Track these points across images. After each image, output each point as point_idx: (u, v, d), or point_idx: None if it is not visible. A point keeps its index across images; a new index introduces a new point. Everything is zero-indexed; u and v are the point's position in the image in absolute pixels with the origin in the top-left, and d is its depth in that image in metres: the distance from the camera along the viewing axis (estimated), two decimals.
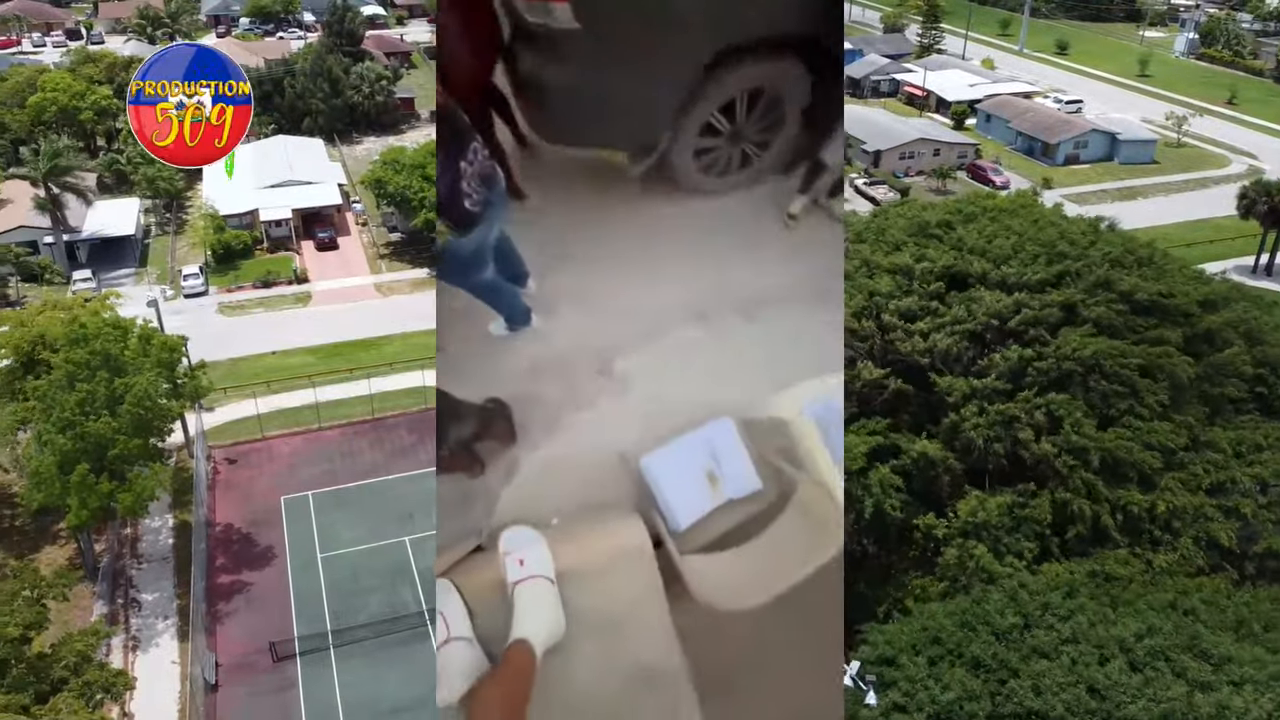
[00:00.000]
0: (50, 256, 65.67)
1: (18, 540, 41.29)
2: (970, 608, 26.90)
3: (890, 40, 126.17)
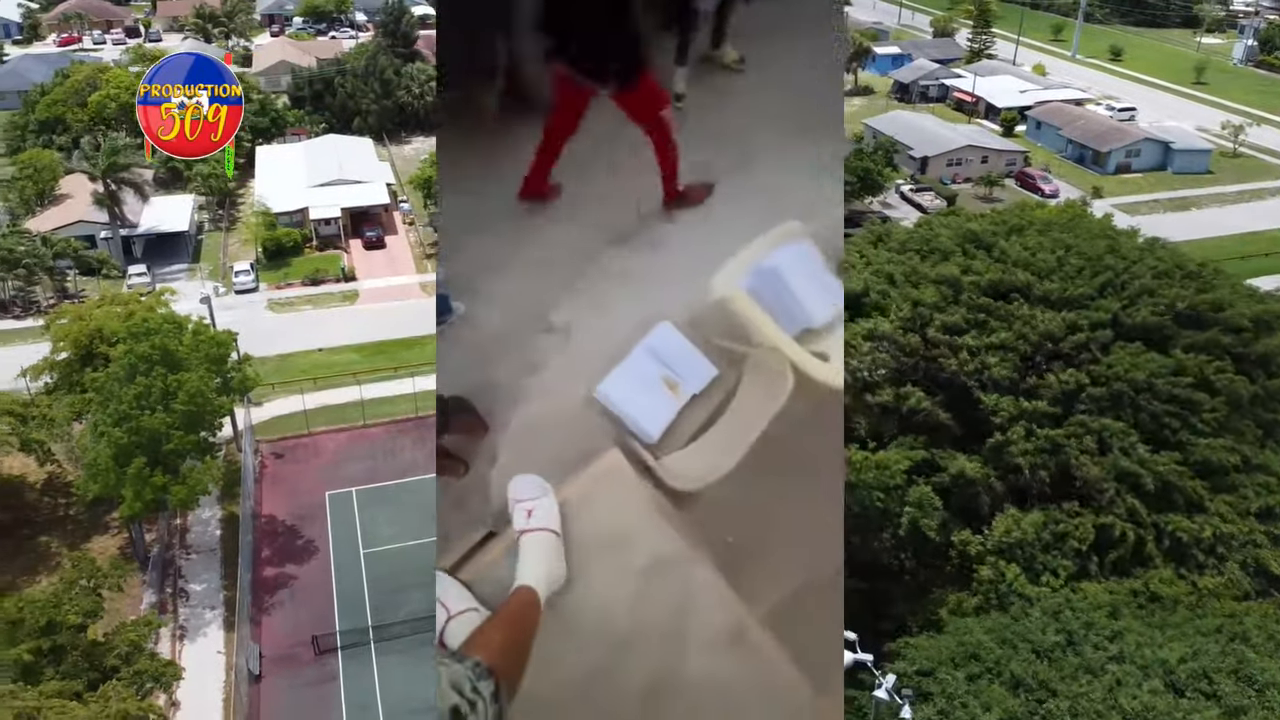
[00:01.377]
0: (107, 251, 67.29)
1: (71, 529, 42.44)
2: (1010, 625, 26.75)
3: (939, 45, 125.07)
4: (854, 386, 34.83)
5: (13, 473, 45.11)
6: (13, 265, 60.79)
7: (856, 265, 41.47)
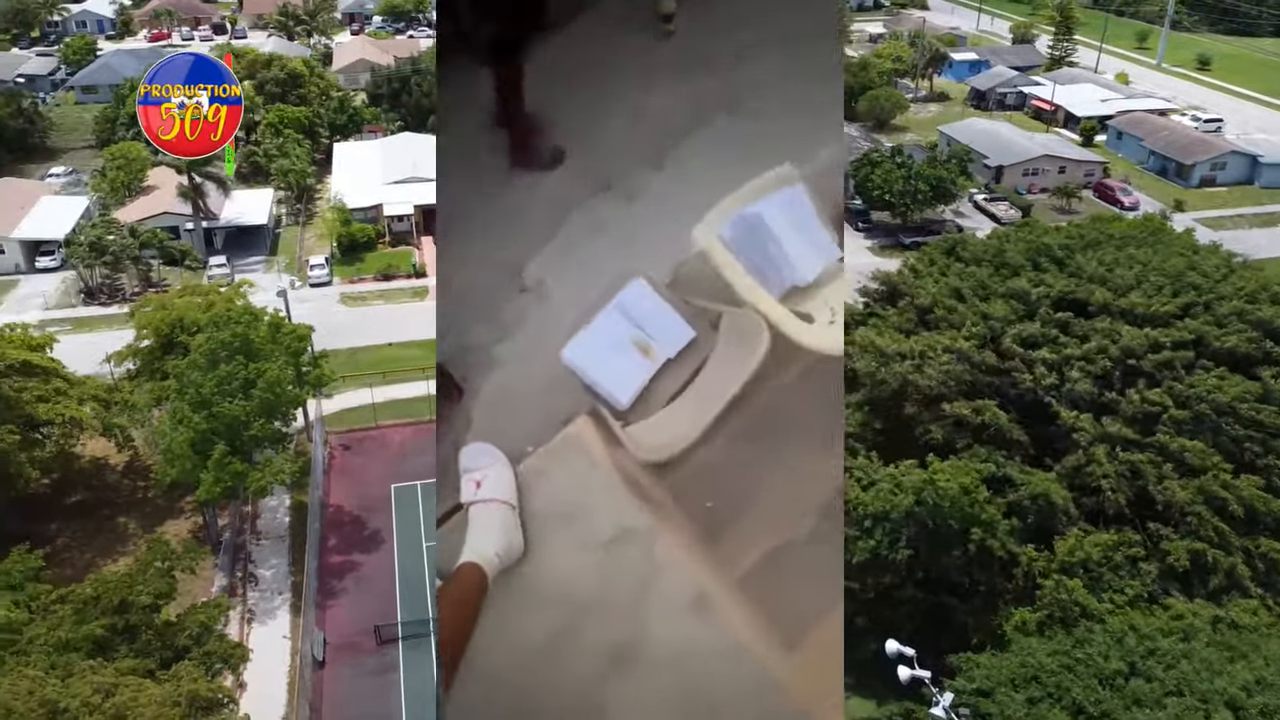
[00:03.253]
0: (190, 242, 69.38)
1: (148, 512, 43.91)
2: (1073, 649, 26.26)
3: (1019, 52, 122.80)
4: (927, 397, 34.58)
5: (95, 455, 46.83)
6: (101, 253, 63.03)
7: (932, 274, 41.07)
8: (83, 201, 74.70)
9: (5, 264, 67.85)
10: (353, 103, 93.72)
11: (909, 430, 35.20)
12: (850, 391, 37.88)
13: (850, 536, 32.48)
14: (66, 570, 38.79)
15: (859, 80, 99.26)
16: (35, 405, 41.06)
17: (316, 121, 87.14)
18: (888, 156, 72.35)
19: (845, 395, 37.64)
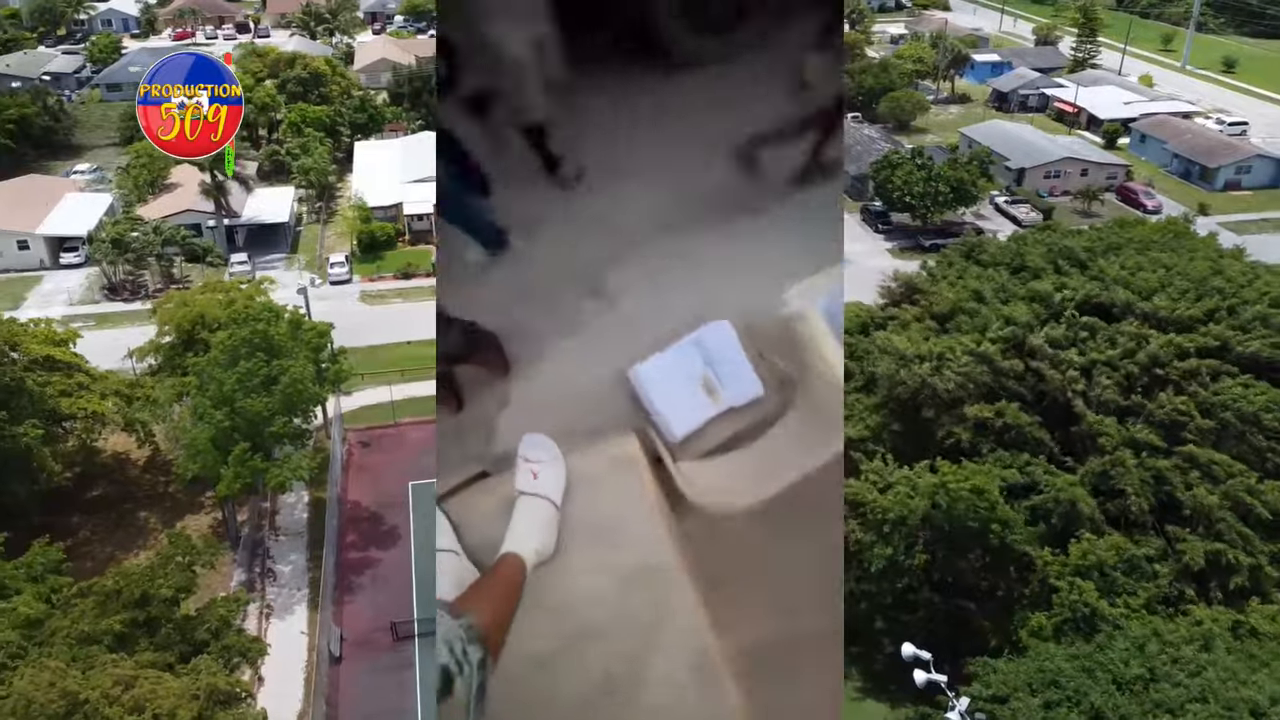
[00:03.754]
0: (212, 239, 69.89)
1: (168, 507, 44.26)
2: (1092, 653, 26.09)
3: (1041, 54, 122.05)
4: (947, 400, 34.43)
5: (117, 450, 47.24)
6: (124, 250, 63.58)
7: (949, 278, 40.87)
8: (107, 198, 75.42)
9: (30, 260, 68.58)
10: (374, 102, 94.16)
11: (929, 433, 35.04)
12: (868, 393, 37.75)
13: (867, 543, 32.39)
14: (87, 563, 39.15)
15: (880, 82, 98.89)
16: (58, 400, 41.49)
17: (338, 120, 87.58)
18: (908, 158, 72.04)
19: (863, 397, 37.56)
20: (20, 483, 39.37)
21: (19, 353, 42.15)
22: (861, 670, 34.92)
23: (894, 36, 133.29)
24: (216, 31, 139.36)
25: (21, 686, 23.51)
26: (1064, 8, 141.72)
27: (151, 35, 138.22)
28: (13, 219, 69.44)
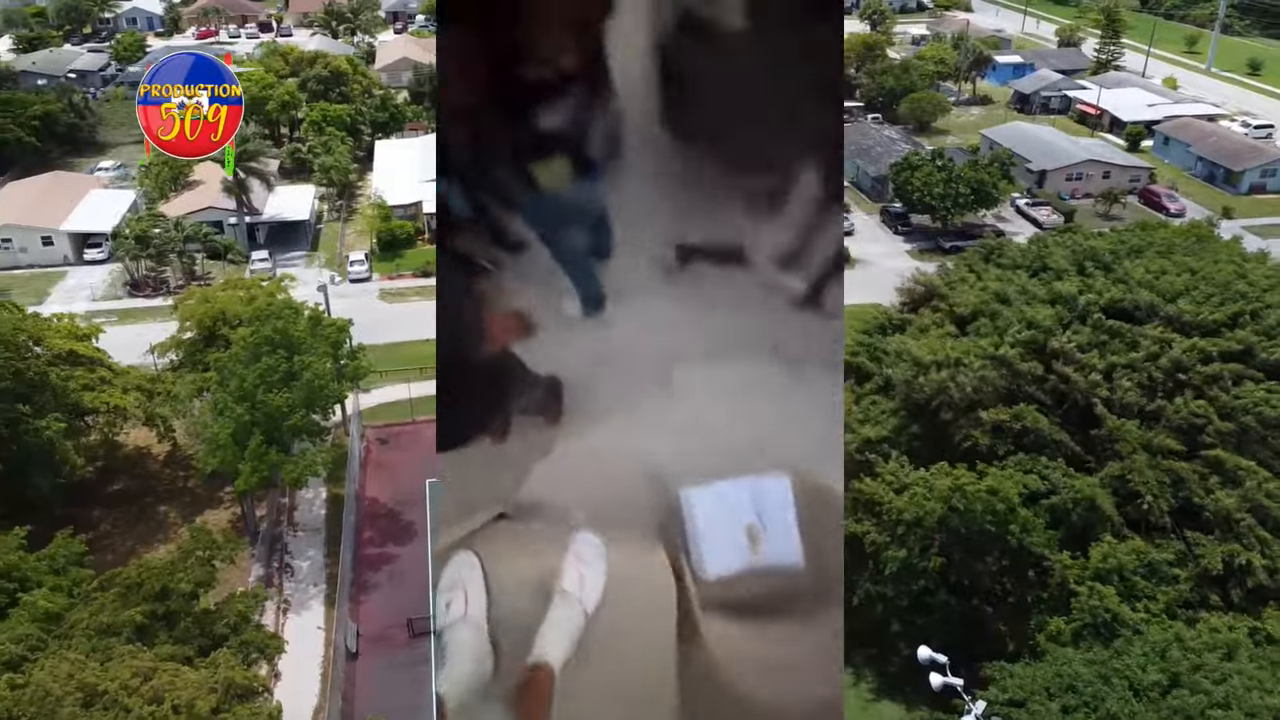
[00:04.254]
0: (233, 237, 70.44)
1: (188, 501, 44.62)
2: (1111, 658, 25.91)
3: (1064, 55, 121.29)
4: (964, 404, 34.28)
5: (138, 444, 47.67)
6: (147, 246, 64.18)
7: (968, 280, 40.67)
8: (130, 195, 76.10)
9: (54, 255, 69.30)
10: (395, 101, 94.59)
11: (946, 436, 34.89)
12: (885, 395, 37.63)
13: (881, 544, 32.29)
14: (108, 556, 39.51)
15: (900, 83, 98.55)
16: (81, 394, 41.90)
17: (359, 119, 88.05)
18: (928, 159, 71.75)
19: (881, 399, 37.45)
20: (43, 476, 39.79)
21: (42, 347, 42.60)
22: (876, 672, 34.82)
23: (915, 37, 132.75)
24: (239, 30, 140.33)
25: (40, 678, 23.76)
26: (1087, 9, 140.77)
27: (175, 34, 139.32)
28: (38, 215, 70.20)
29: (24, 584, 30.20)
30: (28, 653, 25.55)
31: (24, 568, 31.02)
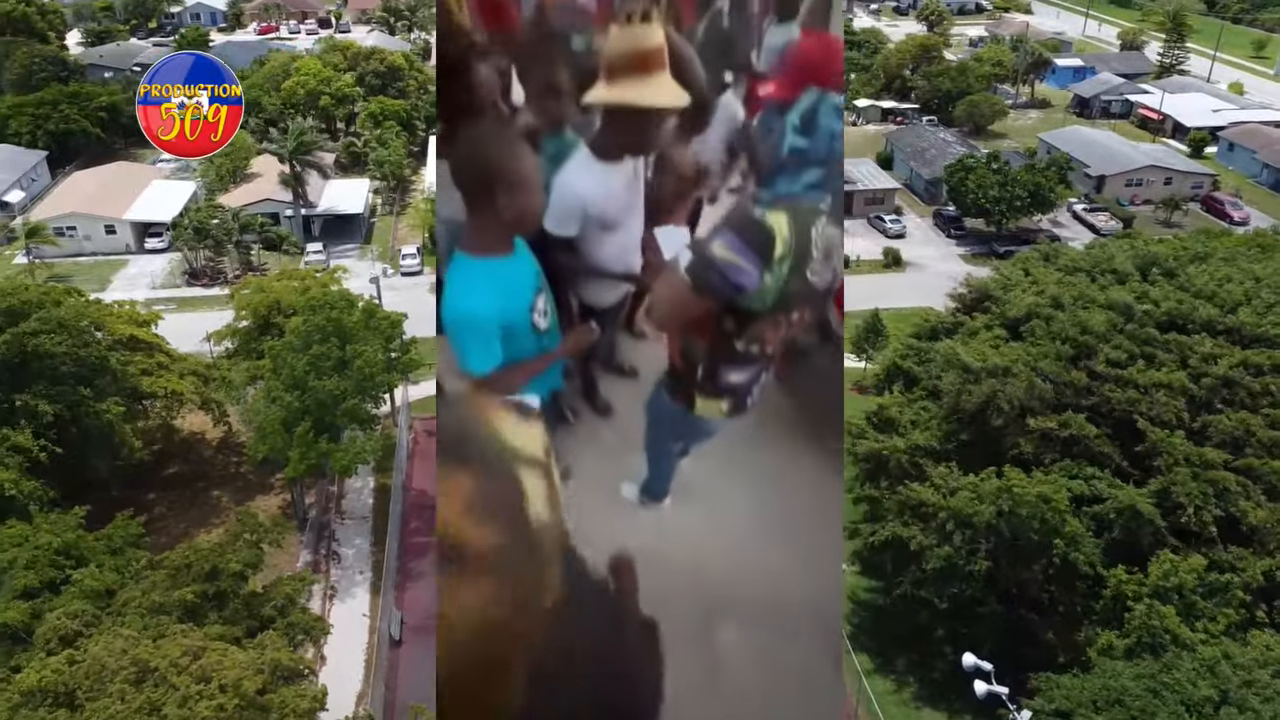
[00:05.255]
0: (289, 228, 71.58)
1: (240, 487, 45.45)
2: (1160, 673, 25.36)
3: (1126, 59, 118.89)
4: (1013, 411, 33.78)
5: (193, 430, 48.65)
6: (205, 237, 65.46)
7: (1022, 284, 40.06)
8: (190, 186, 77.65)
9: (117, 244, 70.96)
10: None
11: (995, 443, 34.40)
12: (935, 401, 37.19)
13: (927, 543, 31.94)
14: (162, 538, 40.35)
15: (957, 85, 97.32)
16: (139, 378, 42.85)
17: (414, 114, 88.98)
18: (983, 162, 70.76)
19: (930, 405, 36.99)
20: (102, 458, 40.77)
21: (104, 332, 43.61)
22: (920, 678, 34.47)
23: (973, 39, 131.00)
24: (299, 26, 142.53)
25: (96, 652, 24.36)
26: (1151, 12, 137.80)
27: (237, 29, 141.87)
28: (102, 204, 71.91)
29: (81, 562, 30.98)
30: (83, 628, 26.20)
31: (81, 546, 31.83)
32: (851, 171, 79.71)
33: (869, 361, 49.96)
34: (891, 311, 53.45)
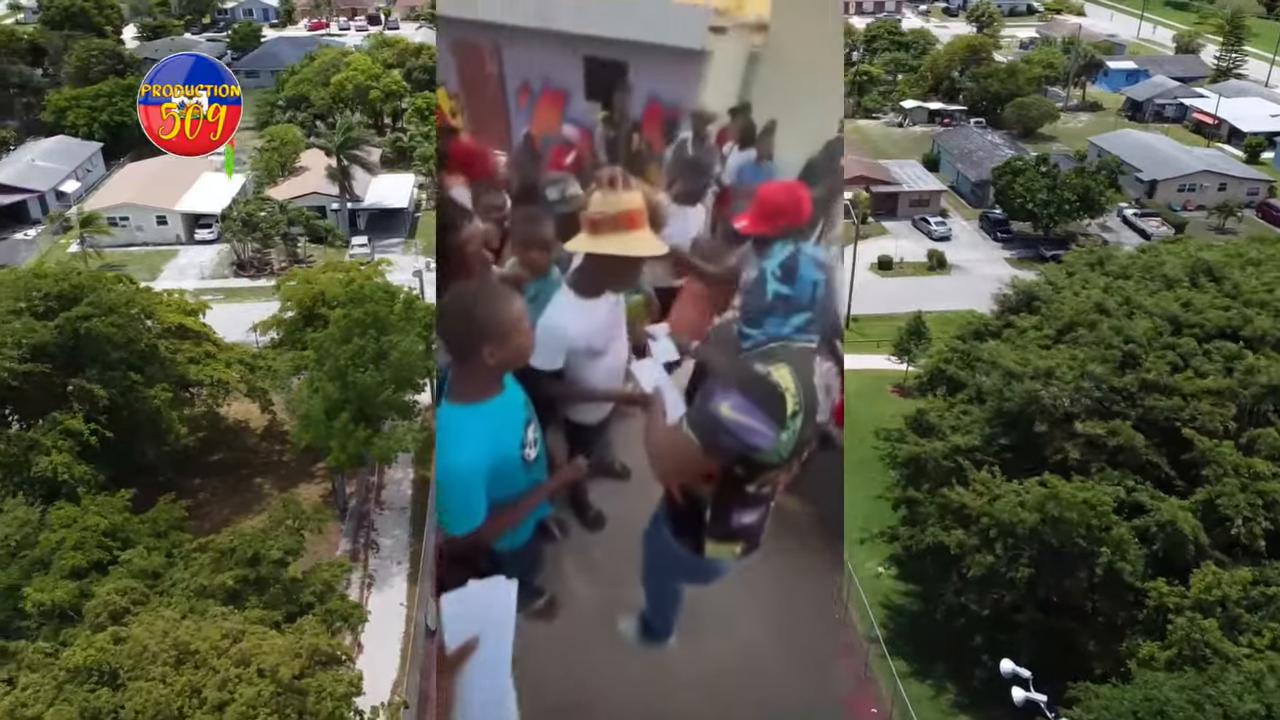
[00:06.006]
0: (335, 222, 72.46)
1: (283, 474, 46.08)
2: (1204, 685, 24.85)
3: (1181, 62, 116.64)
4: (1058, 415, 33.27)
5: (239, 418, 49.42)
6: (253, 229, 66.48)
7: (1070, 287, 39.45)
8: (240, 179, 78.85)
9: (168, 235, 72.30)
10: None
11: (1039, 449, 33.90)
12: (978, 404, 36.74)
13: (969, 548, 31.58)
14: (206, 524, 41.01)
15: (1006, 87, 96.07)
16: (187, 366, 43.61)
17: None
18: (1032, 164, 69.80)
19: (973, 409, 36.55)
20: (149, 443, 41.52)
21: (154, 320, 44.43)
22: (958, 685, 34.09)
23: (1024, 41, 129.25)
24: (349, 23, 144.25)
25: (139, 634, 24.81)
26: (1209, 14, 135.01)
27: (289, 25, 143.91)
28: (154, 195, 73.30)
29: (128, 543, 31.59)
30: (130, 605, 26.71)
31: (127, 528, 32.45)
32: (897, 173, 79.00)
33: (910, 363, 49.49)
34: (935, 315, 52.89)
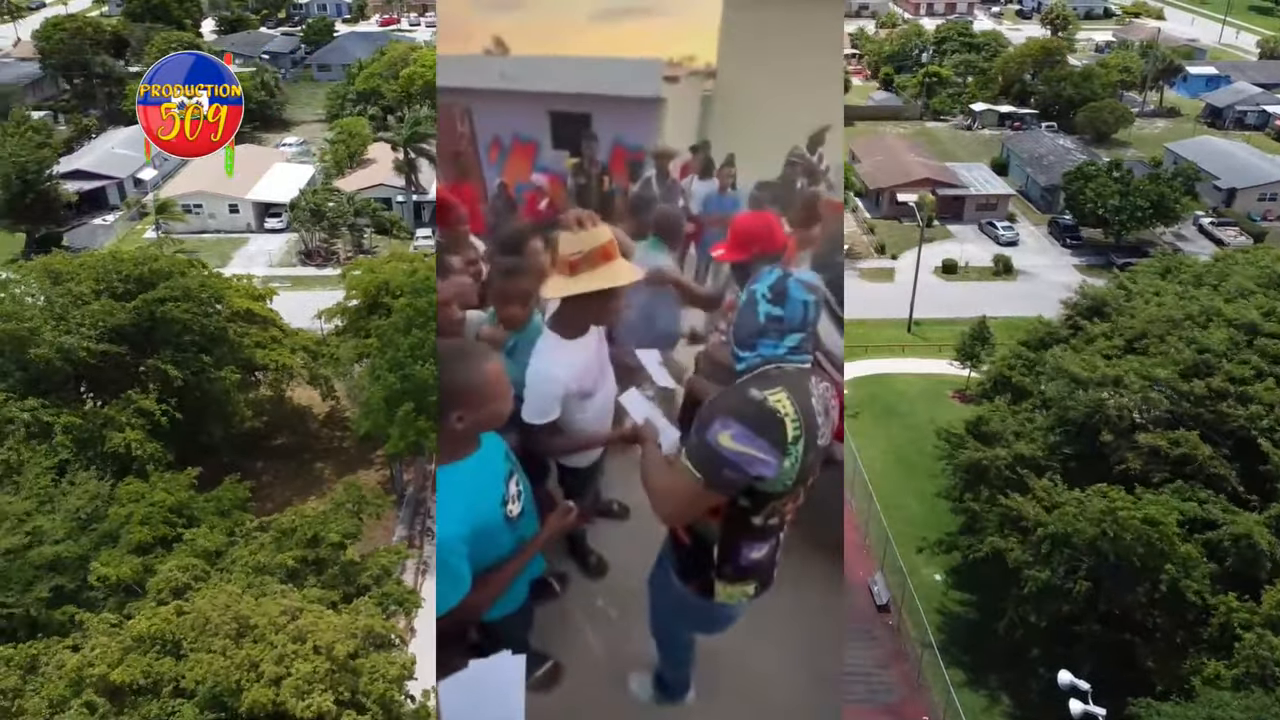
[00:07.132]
0: (400, 213, 73.47)
1: (343, 460, 46.85)
2: (1272, 705, 24.07)
3: (1265, 67, 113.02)
4: (1123, 425, 32.48)
5: (302, 403, 50.36)
6: (321, 219, 67.69)
7: (1143, 295, 38.49)
8: (309, 170, 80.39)
9: (239, 222, 73.97)
10: None
11: (1103, 458, 33.12)
12: (1043, 411, 36.03)
13: (1025, 562, 31.00)
14: (267, 505, 41.79)
15: (1080, 91, 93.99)
16: (254, 350, 44.56)
17: None
18: (1104, 170, 68.21)
19: (1037, 415, 35.83)
20: (216, 424, 42.51)
21: (223, 305, 45.48)
22: (1013, 697, 33.49)
23: (1100, 45, 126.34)
24: (419, 19, 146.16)
25: (201, 605, 25.41)
26: None
27: (361, 20, 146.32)
28: (226, 184, 74.74)
29: (192, 521, 32.38)
30: (192, 580, 27.38)
31: (193, 507, 33.26)
32: (964, 175, 77.79)
33: (973, 369, 48.70)
34: (1000, 320, 51.95)
